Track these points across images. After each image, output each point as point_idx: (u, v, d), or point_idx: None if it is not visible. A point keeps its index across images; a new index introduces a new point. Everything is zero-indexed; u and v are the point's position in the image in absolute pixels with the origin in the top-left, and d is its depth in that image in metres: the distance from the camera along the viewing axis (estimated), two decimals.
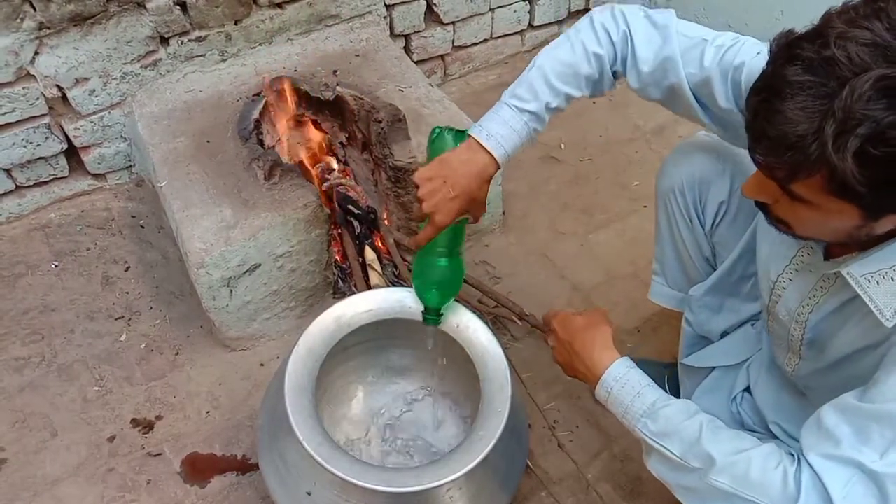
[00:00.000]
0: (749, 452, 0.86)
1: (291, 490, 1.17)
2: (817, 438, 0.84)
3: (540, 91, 1.12)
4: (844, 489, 0.79)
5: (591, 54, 1.12)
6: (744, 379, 1.27)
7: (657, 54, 1.08)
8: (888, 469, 0.78)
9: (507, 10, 2.42)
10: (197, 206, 1.62)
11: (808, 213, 0.81)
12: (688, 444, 0.91)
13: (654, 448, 0.96)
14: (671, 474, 0.96)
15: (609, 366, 1.03)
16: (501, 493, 1.22)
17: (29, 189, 1.94)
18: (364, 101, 1.79)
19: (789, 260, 1.02)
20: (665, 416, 0.95)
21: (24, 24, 1.66)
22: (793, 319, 1.03)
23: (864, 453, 0.79)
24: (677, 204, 1.31)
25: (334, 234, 1.72)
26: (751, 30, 2.22)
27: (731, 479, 0.86)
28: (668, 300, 1.47)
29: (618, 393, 1.01)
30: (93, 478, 1.50)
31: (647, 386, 1.00)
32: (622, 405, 1.00)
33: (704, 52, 1.04)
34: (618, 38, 1.11)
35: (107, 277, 1.85)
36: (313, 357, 1.23)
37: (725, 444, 0.89)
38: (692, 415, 0.94)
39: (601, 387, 1.03)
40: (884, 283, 0.84)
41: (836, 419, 0.83)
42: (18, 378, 1.65)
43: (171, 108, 1.86)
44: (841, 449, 0.81)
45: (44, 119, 1.82)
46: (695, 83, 1.07)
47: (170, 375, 1.67)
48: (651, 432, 0.96)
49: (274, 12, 1.96)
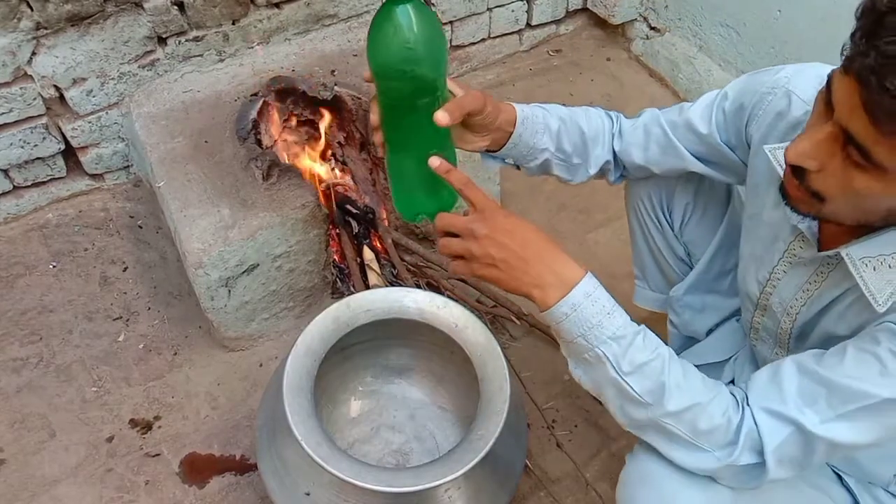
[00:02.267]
0: (699, 400, 0.88)
1: (290, 490, 1.17)
2: (766, 389, 0.88)
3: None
4: (778, 443, 0.85)
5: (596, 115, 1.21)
6: (728, 374, 1.29)
7: (637, 119, 1.21)
8: (823, 434, 0.84)
9: (505, 9, 2.42)
10: (195, 207, 1.62)
11: (863, 184, 0.76)
12: (648, 382, 0.88)
13: (612, 375, 0.89)
14: (618, 400, 0.91)
15: (579, 279, 0.88)
16: (500, 493, 1.22)
17: (26, 189, 1.94)
18: (362, 101, 1.79)
19: (782, 252, 1.02)
20: (634, 346, 0.88)
21: (21, 24, 1.66)
22: (785, 311, 1.04)
23: (805, 415, 0.84)
24: (645, 208, 1.34)
25: (332, 234, 1.72)
26: (749, 28, 2.23)
27: (679, 423, 0.89)
28: (652, 303, 1.49)
29: (585, 310, 0.87)
30: (91, 478, 1.49)
31: (616, 306, 0.90)
32: (586, 324, 0.87)
33: (682, 104, 1.17)
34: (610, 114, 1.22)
35: (105, 278, 1.85)
36: (312, 357, 1.23)
37: (681, 388, 0.89)
38: (655, 348, 0.90)
39: (564, 302, 0.87)
40: (880, 270, 0.84)
41: (792, 376, 0.87)
42: (16, 378, 1.65)
43: (169, 109, 1.86)
44: (785, 407, 0.85)
45: (41, 119, 1.82)
46: (672, 122, 1.16)
47: (168, 376, 1.67)
48: (617, 362, 0.88)
49: (271, 12, 1.96)
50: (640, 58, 2.57)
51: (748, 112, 1.06)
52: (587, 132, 1.17)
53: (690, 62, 2.39)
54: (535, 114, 1.12)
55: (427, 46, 0.83)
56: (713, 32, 2.33)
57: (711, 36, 2.34)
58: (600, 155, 1.20)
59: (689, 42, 2.43)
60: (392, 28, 0.81)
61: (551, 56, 2.59)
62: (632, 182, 1.34)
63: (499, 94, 2.44)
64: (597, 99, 2.40)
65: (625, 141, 1.20)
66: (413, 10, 0.81)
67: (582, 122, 1.17)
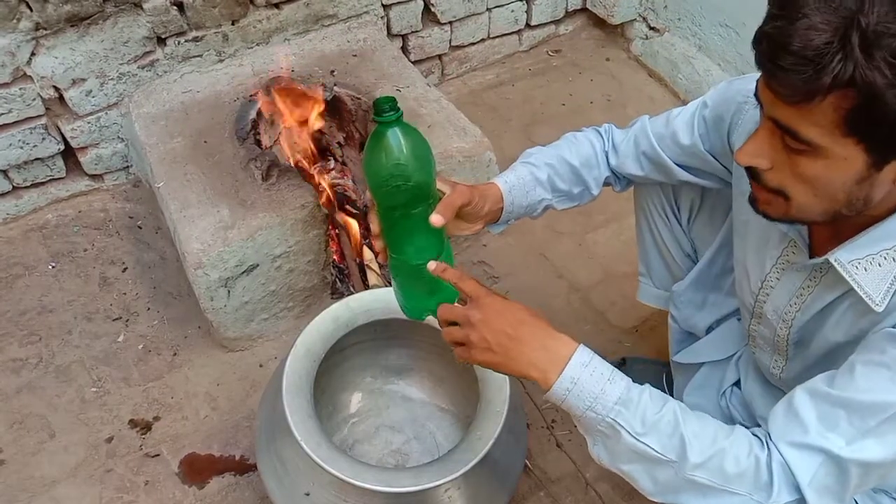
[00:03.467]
0: (721, 444, 0.86)
1: (289, 490, 1.17)
2: (785, 423, 0.86)
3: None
4: (812, 475, 0.82)
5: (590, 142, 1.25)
6: (733, 374, 1.28)
7: (629, 130, 1.25)
8: (852, 455, 0.81)
9: (505, 9, 2.42)
10: (194, 207, 1.62)
11: (810, 168, 0.79)
12: (666, 437, 0.87)
13: (629, 441, 0.87)
14: (643, 468, 0.89)
15: (573, 352, 0.88)
16: (500, 493, 1.22)
17: (26, 190, 1.94)
18: (361, 101, 1.79)
19: (775, 259, 1.02)
20: (642, 406, 0.87)
21: (21, 25, 1.66)
22: (780, 318, 1.04)
23: (830, 440, 0.82)
24: (653, 204, 1.36)
25: (332, 235, 1.72)
26: (749, 29, 2.22)
27: (707, 473, 0.86)
28: (656, 300, 1.49)
29: (586, 382, 0.87)
30: (91, 479, 1.49)
31: (615, 371, 0.89)
32: (590, 395, 0.87)
33: (670, 112, 1.20)
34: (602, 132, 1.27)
35: (104, 278, 1.85)
36: (311, 357, 1.23)
37: (699, 437, 0.87)
38: (664, 403, 0.89)
39: (564, 378, 0.88)
40: (871, 269, 0.85)
41: (807, 404, 0.85)
42: (16, 379, 1.65)
43: (169, 109, 1.86)
44: (809, 436, 0.83)
45: (40, 120, 1.82)
46: (659, 134, 1.19)
47: (168, 376, 1.67)
48: (630, 424, 0.87)
49: (271, 12, 1.96)
50: (639, 58, 2.57)
51: (728, 123, 1.09)
52: (578, 164, 1.22)
53: (690, 62, 2.39)
54: (520, 176, 1.18)
55: (415, 161, 0.94)
56: (712, 32, 2.33)
57: (711, 36, 2.34)
58: (599, 175, 1.25)
59: (689, 42, 2.43)
60: (383, 149, 0.92)
61: (551, 56, 2.59)
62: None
63: (498, 94, 2.45)
64: (596, 99, 2.40)
65: (620, 154, 1.24)
66: (400, 132, 0.92)
67: (570, 156, 1.21)
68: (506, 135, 2.28)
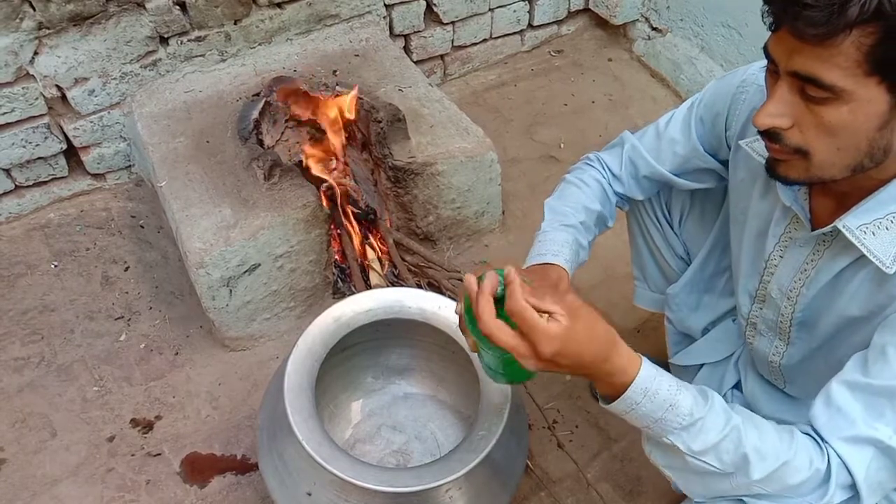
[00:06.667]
0: (783, 457, 0.85)
1: (291, 490, 1.17)
2: (830, 418, 0.85)
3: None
4: (866, 469, 0.82)
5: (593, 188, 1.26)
6: (732, 376, 1.29)
7: (617, 152, 1.26)
8: None
9: (507, 10, 2.42)
10: (196, 206, 1.62)
11: (834, 116, 0.78)
12: (727, 455, 0.86)
13: (689, 459, 0.87)
14: (697, 477, 0.89)
15: (634, 377, 0.86)
16: (501, 493, 1.22)
17: (28, 189, 1.94)
18: (363, 101, 1.79)
19: (778, 237, 1.03)
20: (704, 430, 0.86)
21: (24, 24, 1.66)
22: (785, 296, 1.04)
23: (879, 430, 0.82)
24: (645, 210, 1.37)
25: (334, 234, 1.72)
26: (751, 30, 2.22)
27: (768, 485, 0.86)
28: (651, 303, 1.50)
29: (646, 407, 0.85)
30: (92, 478, 1.50)
31: (677, 394, 0.86)
32: (649, 418, 0.86)
33: (657, 124, 1.21)
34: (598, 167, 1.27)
35: (106, 277, 1.85)
36: (313, 357, 1.23)
37: (761, 452, 0.86)
38: (727, 421, 0.87)
39: (624, 401, 0.86)
40: (879, 233, 0.86)
41: (846, 396, 0.84)
42: (18, 378, 1.65)
43: (171, 108, 1.86)
44: (857, 428, 0.83)
45: (43, 119, 1.82)
46: (654, 149, 1.20)
47: (169, 375, 1.67)
48: (688, 447, 0.86)
49: (273, 12, 1.96)
50: (641, 58, 2.57)
51: (725, 116, 1.10)
52: (599, 207, 1.24)
53: (692, 63, 2.39)
54: (568, 244, 1.17)
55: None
56: (715, 33, 2.33)
57: (713, 36, 2.34)
58: (612, 208, 1.28)
59: (691, 42, 2.43)
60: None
61: (553, 56, 2.59)
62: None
63: (501, 94, 2.45)
64: (598, 99, 2.40)
65: (624, 182, 1.26)
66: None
67: (590, 202, 1.23)
68: (508, 135, 2.28)
